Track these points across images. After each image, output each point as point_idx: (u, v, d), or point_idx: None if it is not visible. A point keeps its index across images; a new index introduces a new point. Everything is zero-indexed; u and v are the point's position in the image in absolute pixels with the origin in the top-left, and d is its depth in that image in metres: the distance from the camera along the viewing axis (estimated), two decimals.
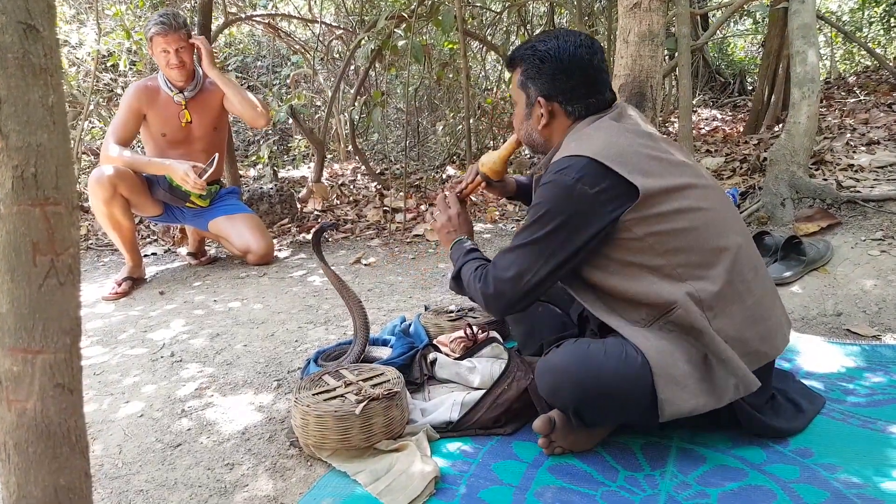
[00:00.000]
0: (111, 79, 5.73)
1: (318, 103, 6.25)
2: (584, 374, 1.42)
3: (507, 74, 6.01)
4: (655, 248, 1.44)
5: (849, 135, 4.09)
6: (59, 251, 0.79)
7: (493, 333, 2.01)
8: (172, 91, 3.16)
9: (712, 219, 1.49)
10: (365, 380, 1.69)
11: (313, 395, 1.63)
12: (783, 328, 1.56)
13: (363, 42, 4.56)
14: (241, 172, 5.09)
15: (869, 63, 7.28)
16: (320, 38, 5.90)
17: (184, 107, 3.19)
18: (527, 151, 5.59)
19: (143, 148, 3.45)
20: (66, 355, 0.81)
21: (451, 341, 2.00)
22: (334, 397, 1.62)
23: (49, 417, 0.80)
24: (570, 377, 1.44)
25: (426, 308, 2.41)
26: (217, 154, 3.19)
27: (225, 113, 3.37)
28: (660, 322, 1.45)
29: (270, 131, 6.15)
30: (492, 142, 5.88)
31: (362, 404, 1.56)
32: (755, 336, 1.48)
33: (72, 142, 4.89)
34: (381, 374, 1.73)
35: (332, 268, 2.01)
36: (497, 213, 4.11)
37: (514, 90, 1.69)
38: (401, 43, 4.16)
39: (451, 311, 2.30)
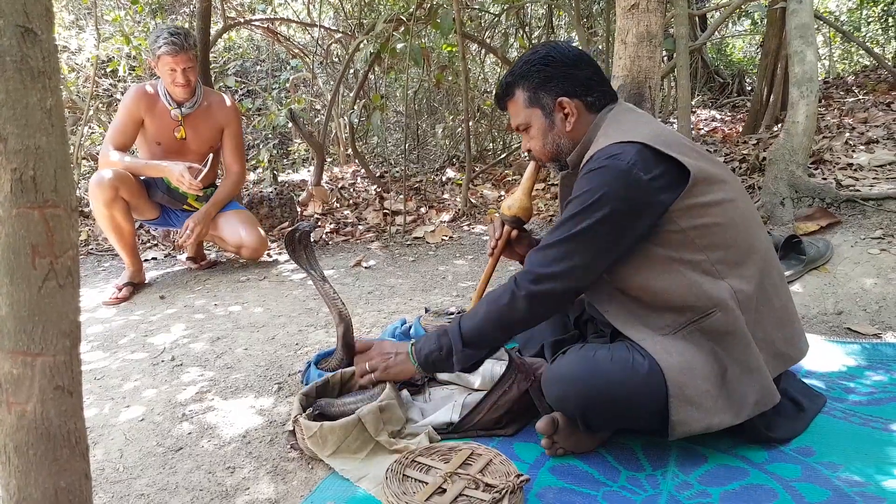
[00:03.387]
0: (111, 84, 5.74)
1: (318, 107, 6.25)
2: (591, 383, 1.41)
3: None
4: (696, 242, 1.40)
5: (848, 134, 4.09)
6: (59, 254, 0.79)
7: None
8: (171, 105, 3.15)
9: (745, 215, 1.46)
10: (459, 467, 1.40)
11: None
12: (804, 334, 1.55)
13: (362, 46, 4.57)
14: None
15: (867, 62, 7.29)
16: (319, 42, 5.91)
17: (180, 122, 3.19)
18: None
19: (135, 152, 3.44)
20: (65, 358, 0.81)
21: None
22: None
23: (49, 420, 0.81)
24: (576, 386, 1.42)
25: (426, 310, 2.41)
26: (211, 156, 3.16)
27: (220, 140, 3.36)
28: (689, 328, 1.42)
29: (270, 135, 6.15)
30: (491, 144, 5.88)
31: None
32: (781, 339, 1.47)
33: (72, 147, 4.90)
34: (468, 450, 1.45)
35: (323, 271, 1.98)
36: (496, 214, 4.10)
37: (522, 114, 1.60)
38: (399, 46, 4.17)
39: (452, 313, 2.29)
